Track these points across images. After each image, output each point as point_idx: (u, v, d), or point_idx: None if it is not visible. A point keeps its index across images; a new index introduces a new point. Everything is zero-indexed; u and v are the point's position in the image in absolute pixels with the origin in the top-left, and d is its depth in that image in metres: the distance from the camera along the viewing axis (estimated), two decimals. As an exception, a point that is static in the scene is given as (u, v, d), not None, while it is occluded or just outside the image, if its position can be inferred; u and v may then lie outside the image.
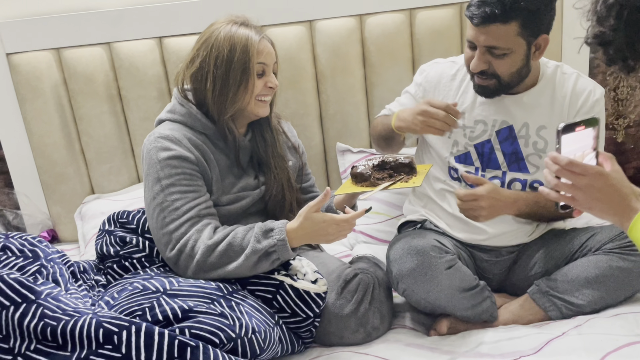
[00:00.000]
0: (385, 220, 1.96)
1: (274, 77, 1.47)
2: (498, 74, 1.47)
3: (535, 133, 1.55)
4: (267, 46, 1.44)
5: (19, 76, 2.01)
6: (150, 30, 2.02)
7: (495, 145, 1.57)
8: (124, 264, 1.46)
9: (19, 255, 1.35)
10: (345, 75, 2.07)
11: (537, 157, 1.55)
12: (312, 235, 1.35)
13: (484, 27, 1.39)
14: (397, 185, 1.38)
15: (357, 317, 1.41)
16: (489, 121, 1.57)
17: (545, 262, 1.56)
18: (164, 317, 1.19)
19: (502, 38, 1.40)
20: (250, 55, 1.39)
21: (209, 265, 1.34)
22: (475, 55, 1.46)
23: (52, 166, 2.10)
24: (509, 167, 1.57)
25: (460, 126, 1.58)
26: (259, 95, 1.44)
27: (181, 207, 1.37)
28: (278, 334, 1.33)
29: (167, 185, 1.38)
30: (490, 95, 1.53)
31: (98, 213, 2.04)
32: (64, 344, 1.11)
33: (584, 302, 1.45)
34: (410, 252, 1.44)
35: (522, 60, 1.45)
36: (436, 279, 1.40)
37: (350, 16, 2.04)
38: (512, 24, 1.38)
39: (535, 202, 1.51)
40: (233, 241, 1.34)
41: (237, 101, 1.42)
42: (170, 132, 1.42)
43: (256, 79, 1.42)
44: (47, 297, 1.18)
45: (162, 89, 2.06)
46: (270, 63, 1.45)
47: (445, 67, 1.65)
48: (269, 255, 1.34)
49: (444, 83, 1.63)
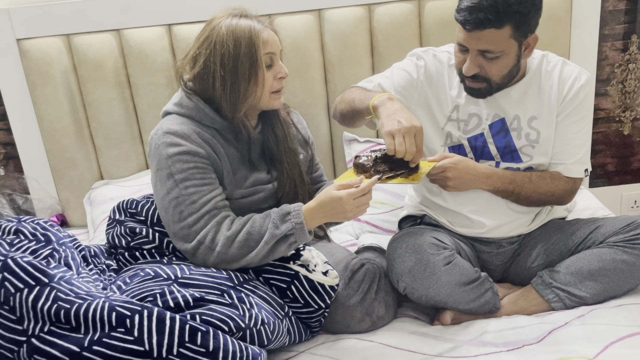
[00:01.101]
0: (391, 210, 1.97)
1: (282, 66, 1.43)
2: (489, 77, 1.46)
3: (527, 124, 1.55)
4: (271, 35, 1.40)
5: (29, 62, 2.01)
6: (160, 18, 2.02)
7: (489, 139, 1.57)
8: (134, 253, 1.47)
9: (32, 239, 1.36)
10: (353, 64, 2.07)
11: (530, 148, 1.56)
12: (329, 213, 1.32)
13: (478, 32, 1.38)
14: (395, 181, 1.37)
15: (363, 307, 1.42)
16: (482, 115, 1.56)
17: (548, 253, 1.56)
18: (175, 303, 1.20)
19: (495, 42, 1.38)
20: (256, 47, 1.35)
21: (230, 257, 1.34)
22: (467, 59, 1.44)
23: (61, 152, 2.11)
24: (502, 159, 1.57)
25: (455, 119, 1.58)
26: (272, 89, 1.41)
27: (198, 201, 1.35)
28: (287, 326, 1.35)
29: (182, 180, 1.35)
30: (482, 96, 1.52)
31: (107, 199, 2.06)
32: (77, 326, 1.13)
33: (587, 294, 1.46)
34: (408, 251, 1.45)
35: (513, 61, 1.45)
36: (435, 275, 1.41)
37: (359, 5, 2.03)
38: (506, 28, 1.37)
39: (512, 180, 1.52)
40: (252, 229, 1.34)
41: (249, 97, 1.39)
42: (178, 127, 1.38)
43: (265, 71, 1.39)
44: (60, 280, 1.19)
45: (170, 76, 2.06)
46: (277, 51, 1.42)
47: (444, 56, 1.61)
48: (287, 239, 1.33)
49: (441, 75, 1.60)
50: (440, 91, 1.59)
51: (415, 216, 1.71)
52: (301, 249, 1.44)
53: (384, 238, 1.86)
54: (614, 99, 2.23)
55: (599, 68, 2.18)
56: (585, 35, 2.10)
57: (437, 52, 1.63)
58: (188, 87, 1.45)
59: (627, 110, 2.25)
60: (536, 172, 1.56)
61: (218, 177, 1.43)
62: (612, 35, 2.14)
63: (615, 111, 2.25)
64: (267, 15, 2.02)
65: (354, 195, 1.29)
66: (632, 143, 2.31)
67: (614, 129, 2.28)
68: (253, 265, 1.37)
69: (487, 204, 1.58)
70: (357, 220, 1.97)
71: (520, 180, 1.53)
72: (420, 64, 1.61)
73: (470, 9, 1.37)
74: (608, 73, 2.20)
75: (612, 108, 2.25)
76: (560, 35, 2.05)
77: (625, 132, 2.28)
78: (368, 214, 1.93)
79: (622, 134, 2.29)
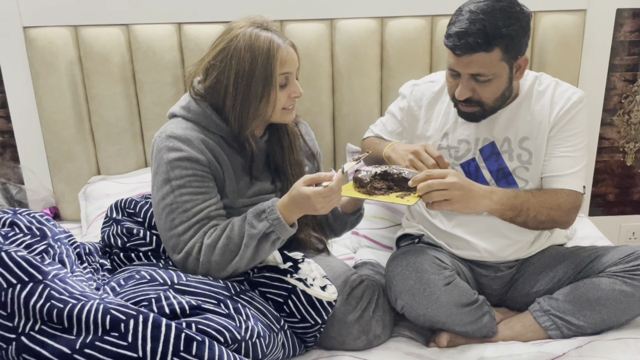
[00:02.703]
0: (389, 226, 1.95)
1: (297, 85, 1.39)
2: (483, 100, 1.46)
3: (518, 145, 1.54)
4: (290, 53, 1.36)
5: (35, 51, 1.99)
6: (171, 15, 2.00)
7: (480, 163, 1.56)
8: (129, 254, 1.45)
9: (27, 232, 1.33)
10: (362, 76, 2.06)
11: (524, 170, 1.55)
12: (302, 208, 1.29)
13: (468, 57, 1.38)
14: (387, 199, 1.35)
15: (361, 325, 1.40)
16: (472, 140, 1.57)
17: (548, 280, 1.55)
18: (170, 310, 1.18)
19: (485, 65, 1.39)
20: (273, 68, 1.32)
21: (214, 265, 1.32)
22: (459, 84, 1.45)
23: (60, 143, 2.09)
24: (497, 184, 1.56)
25: (445, 147, 1.58)
26: (284, 107, 1.39)
27: (191, 209, 1.33)
28: (282, 340, 1.32)
29: (178, 187, 1.33)
30: (475, 120, 1.53)
31: (103, 194, 2.03)
32: (69, 327, 1.10)
33: (585, 323, 1.45)
34: (409, 269, 1.43)
35: (505, 83, 1.45)
36: (434, 295, 1.40)
37: (372, 18, 2.03)
38: (495, 51, 1.38)
39: (516, 195, 1.46)
40: (231, 234, 1.31)
41: (258, 116, 1.37)
42: (182, 132, 1.36)
43: (279, 92, 1.35)
44: (54, 278, 1.16)
45: (177, 75, 2.04)
46: (293, 70, 1.38)
47: (425, 88, 1.65)
48: (268, 237, 1.31)
49: (427, 105, 1.63)
50: (425, 124, 1.63)
51: (413, 235, 1.70)
52: (300, 261, 1.42)
53: (381, 254, 1.85)
54: (619, 129, 2.23)
55: (607, 97, 2.18)
56: (595, 63, 2.10)
57: (420, 82, 1.68)
58: (198, 93, 1.42)
59: (631, 142, 2.25)
60: (535, 189, 1.55)
61: (219, 185, 1.40)
62: (622, 66, 2.15)
63: (619, 141, 2.25)
64: (279, 21, 2.00)
65: (322, 194, 1.25)
66: (634, 174, 2.31)
67: (617, 159, 2.28)
68: (242, 270, 1.35)
69: (485, 227, 1.57)
70: (355, 234, 1.96)
71: (524, 195, 1.48)
72: (402, 105, 1.68)
73: (459, 35, 1.37)
74: (615, 103, 2.20)
75: (617, 138, 2.25)
76: (571, 61, 2.05)
77: (628, 163, 2.28)
78: (366, 228, 1.94)
79: (624, 164, 2.29)
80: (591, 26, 2.05)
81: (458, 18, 1.40)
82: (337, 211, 1.57)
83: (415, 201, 1.33)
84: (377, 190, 1.38)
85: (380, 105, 2.13)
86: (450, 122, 1.59)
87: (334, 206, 1.30)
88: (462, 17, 1.39)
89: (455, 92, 1.47)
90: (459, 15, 1.40)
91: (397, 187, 1.39)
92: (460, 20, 1.39)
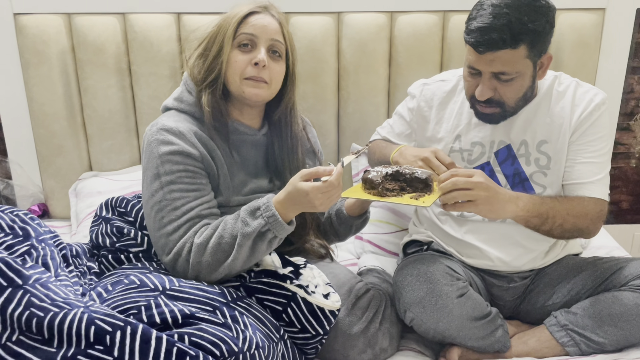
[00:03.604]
0: (395, 231, 1.88)
1: (262, 53, 1.31)
2: (504, 101, 1.39)
3: (536, 149, 1.47)
4: (262, 19, 1.32)
5: (25, 39, 1.91)
6: (169, 5, 1.93)
7: (495, 167, 1.50)
8: (119, 256, 1.37)
9: (9, 232, 1.25)
10: (369, 73, 1.98)
11: (541, 175, 1.48)
12: (300, 205, 1.22)
13: (492, 54, 1.31)
14: (402, 201, 1.27)
15: (366, 337, 1.32)
16: (487, 143, 1.50)
17: (565, 292, 1.48)
18: (161, 319, 1.09)
19: (510, 63, 1.32)
20: (235, 24, 1.30)
21: (205, 266, 1.24)
22: (480, 83, 1.37)
23: (50, 137, 2.01)
24: (513, 189, 1.49)
25: (457, 150, 1.51)
26: (243, 74, 1.32)
27: (181, 207, 1.26)
28: (282, 350, 1.24)
29: (167, 183, 1.26)
30: (495, 122, 1.45)
31: (94, 192, 1.96)
32: (50, 338, 1.01)
33: (606, 340, 1.37)
34: (420, 279, 1.36)
35: (528, 82, 1.38)
36: (447, 307, 1.32)
37: (381, 12, 1.95)
38: (521, 48, 1.30)
39: (542, 202, 1.38)
40: (223, 233, 1.23)
41: (213, 70, 1.32)
42: (174, 125, 1.30)
43: (233, 49, 1.31)
44: (36, 282, 1.08)
45: (175, 68, 1.96)
46: (261, 36, 1.32)
47: (436, 87, 1.58)
48: (264, 236, 1.23)
49: (439, 105, 1.56)
50: (436, 125, 1.56)
51: (422, 242, 1.63)
52: (302, 266, 1.33)
53: (386, 260, 1.79)
54: (635, 134, 2.16)
55: (624, 101, 2.10)
56: (613, 65, 2.03)
57: (430, 82, 1.60)
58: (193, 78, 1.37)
59: (645, 147, 2.18)
60: (559, 195, 1.47)
61: (213, 181, 1.33)
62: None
63: (635, 147, 2.17)
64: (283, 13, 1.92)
65: (321, 190, 1.18)
66: (646, 179, 2.23)
67: (633, 165, 2.20)
68: (236, 272, 1.27)
69: (499, 235, 1.51)
70: (359, 239, 1.88)
71: (550, 202, 1.40)
72: (411, 105, 1.61)
73: (483, 30, 1.29)
74: (632, 107, 2.12)
75: (633, 144, 2.17)
76: (588, 62, 1.99)
77: (644, 169, 2.21)
78: (371, 233, 1.87)
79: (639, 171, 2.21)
80: (610, 26, 1.99)
81: (479, 12, 1.32)
82: (343, 214, 1.49)
83: (432, 202, 1.25)
84: (389, 192, 1.30)
85: (387, 103, 2.05)
86: (463, 124, 1.52)
87: (334, 202, 1.22)
88: (484, 11, 1.31)
89: (475, 91, 1.38)
90: (480, 10, 1.32)
91: (409, 187, 1.31)
92: (482, 15, 1.30)
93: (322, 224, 1.54)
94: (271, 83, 1.33)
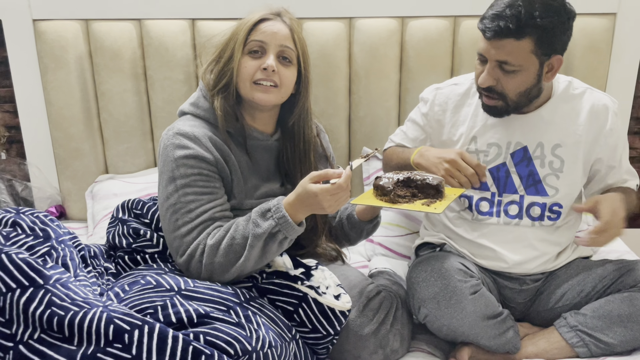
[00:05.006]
0: (406, 234, 1.89)
1: (271, 59, 1.33)
2: (505, 92, 1.40)
3: (551, 152, 1.49)
4: (273, 25, 1.34)
5: (44, 44, 1.94)
6: (184, 11, 1.95)
7: (511, 168, 1.51)
8: (135, 257, 1.40)
9: (30, 233, 1.28)
10: (381, 78, 2.00)
11: (554, 178, 1.49)
12: (310, 207, 1.23)
13: (497, 41, 1.34)
14: (416, 208, 1.29)
15: (377, 338, 1.33)
16: (503, 144, 1.51)
17: (574, 294, 1.49)
18: (177, 319, 1.12)
19: (513, 53, 1.34)
20: (246, 30, 1.32)
21: (217, 266, 1.26)
22: (485, 70, 1.40)
23: (67, 140, 2.04)
24: (526, 191, 1.50)
25: (474, 151, 1.53)
26: (252, 78, 1.34)
27: (195, 210, 1.28)
28: (294, 350, 1.26)
29: (182, 186, 1.29)
30: (498, 115, 1.47)
31: (110, 194, 1.99)
32: (70, 336, 1.04)
33: (616, 341, 1.38)
34: (434, 275, 1.38)
35: (532, 80, 1.39)
36: (460, 304, 1.34)
37: (393, 17, 1.97)
38: (526, 40, 1.33)
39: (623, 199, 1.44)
40: (235, 234, 1.26)
41: (225, 75, 1.35)
42: (190, 129, 1.32)
43: (244, 55, 1.33)
44: (56, 283, 1.11)
45: (189, 73, 1.99)
46: (271, 43, 1.33)
47: (449, 91, 1.59)
48: (274, 237, 1.25)
49: (453, 108, 1.57)
50: (452, 128, 1.57)
51: (434, 244, 1.64)
52: (313, 268, 1.35)
53: (397, 263, 1.80)
54: (645, 143, 2.15)
55: (635, 106, 2.10)
56: (624, 69, 2.02)
57: (443, 86, 1.62)
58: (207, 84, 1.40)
59: (657, 155, 2.17)
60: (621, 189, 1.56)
61: (227, 185, 1.35)
62: (652, 73, 2.07)
63: (647, 155, 2.17)
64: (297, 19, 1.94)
65: (330, 192, 1.20)
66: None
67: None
68: (248, 272, 1.29)
69: (512, 237, 1.51)
70: (370, 241, 1.90)
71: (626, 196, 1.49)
72: (424, 110, 1.62)
73: (493, 17, 1.34)
74: (643, 114, 2.12)
75: (644, 150, 2.17)
76: (599, 67, 1.98)
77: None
78: (382, 235, 1.88)
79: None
80: (621, 31, 1.98)
81: (497, 2, 1.36)
82: (354, 219, 1.50)
83: (444, 208, 1.27)
84: (401, 198, 1.31)
85: (398, 108, 2.06)
86: (478, 125, 1.53)
87: (343, 205, 1.24)
88: (502, 1, 1.35)
89: (479, 78, 1.42)
90: (499, 0, 1.36)
91: (421, 194, 1.33)
92: (498, 4, 1.35)
93: (334, 228, 1.56)
94: (281, 87, 1.35)
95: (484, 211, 1.53)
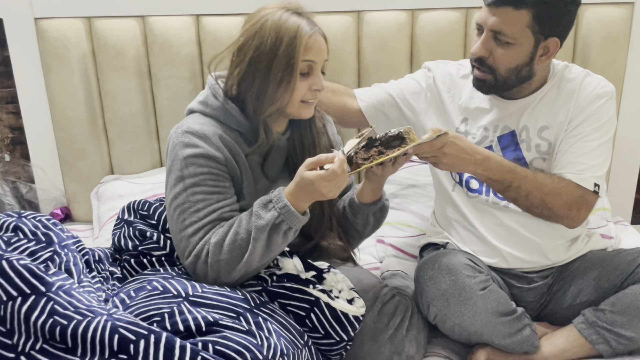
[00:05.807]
0: (417, 235, 1.85)
1: (320, 78, 1.29)
2: (495, 67, 1.40)
3: (537, 135, 1.47)
4: (318, 41, 1.26)
5: (46, 43, 1.91)
6: (188, 7, 1.92)
7: (497, 152, 1.49)
8: (141, 260, 1.36)
9: (32, 238, 1.25)
10: (390, 72, 1.95)
11: (541, 161, 1.48)
12: (309, 194, 1.19)
13: (495, 9, 1.35)
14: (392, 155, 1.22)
15: (393, 344, 1.29)
16: (491, 127, 1.51)
17: (591, 290, 1.45)
18: (185, 327, 1.08)
19: (509, 24, 1.35)
20: (296, 51, 1.22)
21: (224, 264, 1.22)
22: (480, 40, 1.41)
23: (72, 141, 2.01)
24: None
25: (463, 132, 1.53)
26: (304, 99, 1.29)
27: (203, 210, 1.24)
28: (306, 357, 1.21)
29: (191, 185, 1.25)
30: (485, 90, 1.47)
31: (116, 195, 1.96)
32: (73, 346, 1.01)
33: (637, 334, 1.34)
34: (442, 272, 1.34)
35: (524, 58, 1.39)
36: (470, 300, 1.30)
37: (402, 10, 1.93)
38: (523, 12, 1.33)
39: (511, 170, 1.38)
40: (239, 229, 1.22)
41: (276, 101, 1.27)
42: (199, 127, 1.28)
43: (299, 79, 1.25)
44: (59, 290, 1.07)
45: (194, 70, 1.95)
46: (319, 61, 1.28)
47: (453, 69, 1.60)
48: (278, 227, 1.20)
49: (452, 85, 1.58)
50: (447, 102, 1.57)
51: (438, 244, 1.61)
52: (325, 271, 1.31)
53: (409, 264, 1.76)
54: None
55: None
56: (642, 60, 1.97)
57: (448, 64, 1.63)
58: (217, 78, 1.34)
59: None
60: (543, 172, 1.46)
61: (237, 185, 1.32)
62: (670, 64, 2.01)
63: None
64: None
65: (325, 178, 1.16)
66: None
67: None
68: (255, 268, 1.25)
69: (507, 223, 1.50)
70: (381, 242, 1.86)
71: (522, 172, 1.39)
72: (429, 74, 1.62)
73: None
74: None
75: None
76: (617, 59, 1.94)
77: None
78: (393, 236, 1.84)
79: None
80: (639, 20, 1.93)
81: None
82: (355, 203, 1.44)
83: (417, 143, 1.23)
84: (366, 161, 1.25)
85: (409, 103, 2.01)
86: (472, 107, 1.53)
87: (342, 188, 1.20)
88: None
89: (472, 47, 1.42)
90: None
91: (388, 149, 1.25)
92: None
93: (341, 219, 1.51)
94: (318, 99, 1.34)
95: (473, 188, 1.53)
